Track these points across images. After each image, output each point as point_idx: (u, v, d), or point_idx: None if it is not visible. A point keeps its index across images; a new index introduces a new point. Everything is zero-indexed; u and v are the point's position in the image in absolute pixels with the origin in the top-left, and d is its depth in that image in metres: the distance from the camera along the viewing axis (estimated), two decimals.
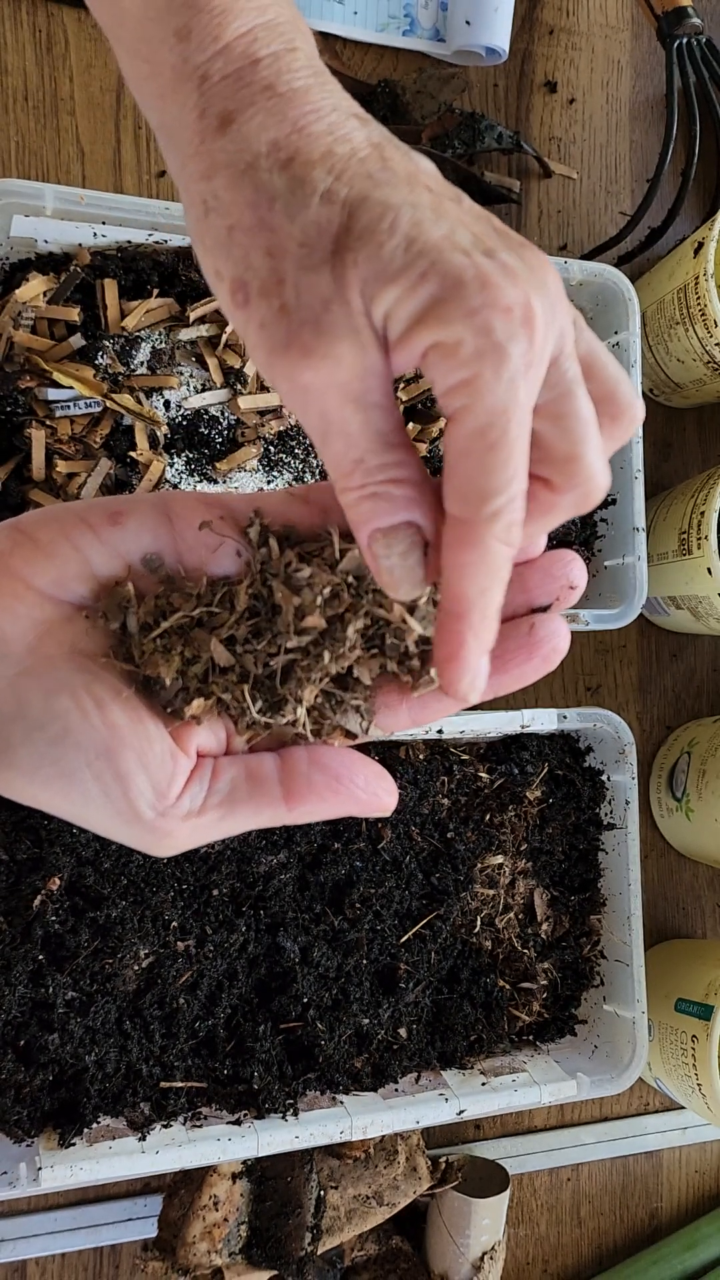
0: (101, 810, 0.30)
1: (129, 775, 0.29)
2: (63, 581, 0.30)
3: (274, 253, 0.27)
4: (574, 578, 0.32)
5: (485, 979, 0.64)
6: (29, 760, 0.29)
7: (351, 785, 0.32)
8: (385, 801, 0.32)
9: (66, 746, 0.29)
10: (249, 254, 0.27)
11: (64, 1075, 0.56)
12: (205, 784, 0.31)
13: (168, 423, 0.58)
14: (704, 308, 0.62)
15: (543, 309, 0.26)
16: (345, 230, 0.26)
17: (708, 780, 0.66)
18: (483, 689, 0.29)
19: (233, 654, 0.31)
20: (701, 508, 0.62)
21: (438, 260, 0.25)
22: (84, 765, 0.29)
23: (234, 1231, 0.59)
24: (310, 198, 0.26)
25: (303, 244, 0.26)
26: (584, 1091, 0.61)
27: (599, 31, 0.74)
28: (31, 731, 0.29)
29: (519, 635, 0.32)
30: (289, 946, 0.59)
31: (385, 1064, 0.61)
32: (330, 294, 0.26)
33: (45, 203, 0.56)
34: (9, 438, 0.56)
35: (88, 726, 0.29)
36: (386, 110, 0.68)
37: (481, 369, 0.26)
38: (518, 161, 0.72)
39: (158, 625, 0.31)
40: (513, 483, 0.26)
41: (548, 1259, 0.70)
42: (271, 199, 0.27)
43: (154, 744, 0.30)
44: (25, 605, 0.30)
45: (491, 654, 0.31)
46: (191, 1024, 0.58)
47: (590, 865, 0.67)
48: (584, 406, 0.28)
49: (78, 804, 0.30)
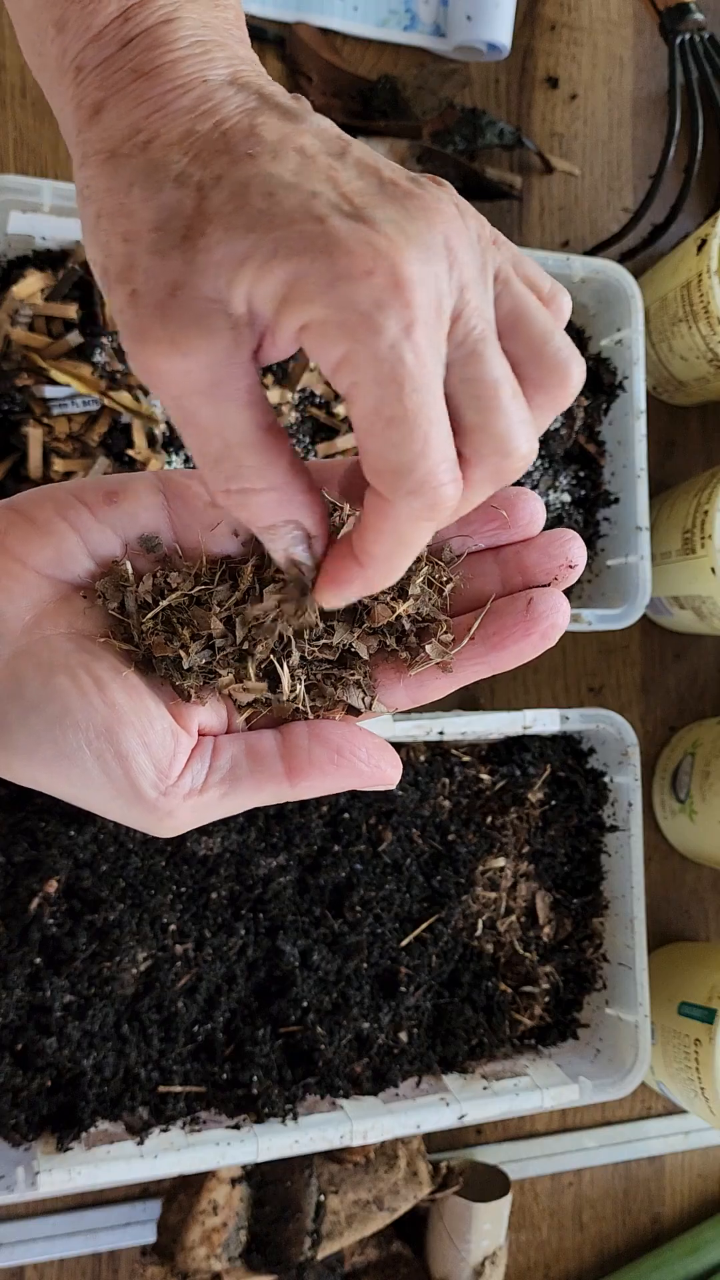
0: (102, 790, 0.29)
1: (130, 754, 0.29)
2: (60, 561, 0.30)
3: (130, 237, 0.26)
4: (573, 556, 0.31)
5: (486, 982, 0.63)
6: (27, 741, 0.29)
7: (354, 758, 0.31)
8: (389, 774, 0.32)
9: (66, 726, 0.29)
10: (109, 240, 0.26)
11: (62, 1079, 0.56)
12: (206, 762, 0.31)
13: (165, 420, 0.58)
14: (707, 305, 0.62)
15: (417, 265, 0.24)
16: (197, 213, 0.25)
17: (711, 782, 0.66)
18: (349, 600, 0.29)
19: (230, 631, 0.31)
20: (705, 507, 0.62)
21: (287, 234, 0.24)
22: (84, 745, 0.29)
23: (233, 1236, 0.58)
24: (164, 181, 0.25)
25: (155, 228, 0.25)
26: (586, 1096, 0.60)
27: (601, 27, 0.73)
28: (29, 712, 0.29)
29: (516, 612, 0.31)
30: (288, 950, 0.58)
31: (386, 1068, 0.61)
32: (179, 279, 0.25)
33: (43, 199, 0.55)
34: (6, 436, 0.56)
35: (87, 706, 0.29)
36: (387, 106, 0.67)
37: (354, 345, 0.24)
38: (519, 157, 0.71)
39: (155, 604, 0.31)
40: (425, 457, 0.25)
41: (549, 1264, 0.70)
42: (130, 183, 0.26)
43: (155, 723, 0.30)
44: (22, 585, 0.30)
45: (488, 630, 0.31)
46: (190, 1028, 0.57)
47: (593, 868, 0.66)
48: (492, 369, 0.26)
49: (78, 784, 0.29)
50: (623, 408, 0.65)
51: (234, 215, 0.25)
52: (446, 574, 0.32)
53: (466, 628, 0.32)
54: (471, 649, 0.31)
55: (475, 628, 0.31)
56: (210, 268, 0.25)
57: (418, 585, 0.31)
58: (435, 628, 0.31)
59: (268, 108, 0.27)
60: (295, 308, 0.24)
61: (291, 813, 0.59)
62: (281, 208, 0.24)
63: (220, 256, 0.25)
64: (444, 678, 0.32)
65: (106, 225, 0.26)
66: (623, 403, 0.65)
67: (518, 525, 0.32)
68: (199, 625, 0.31)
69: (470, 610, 0.32)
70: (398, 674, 0.32)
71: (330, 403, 0.61)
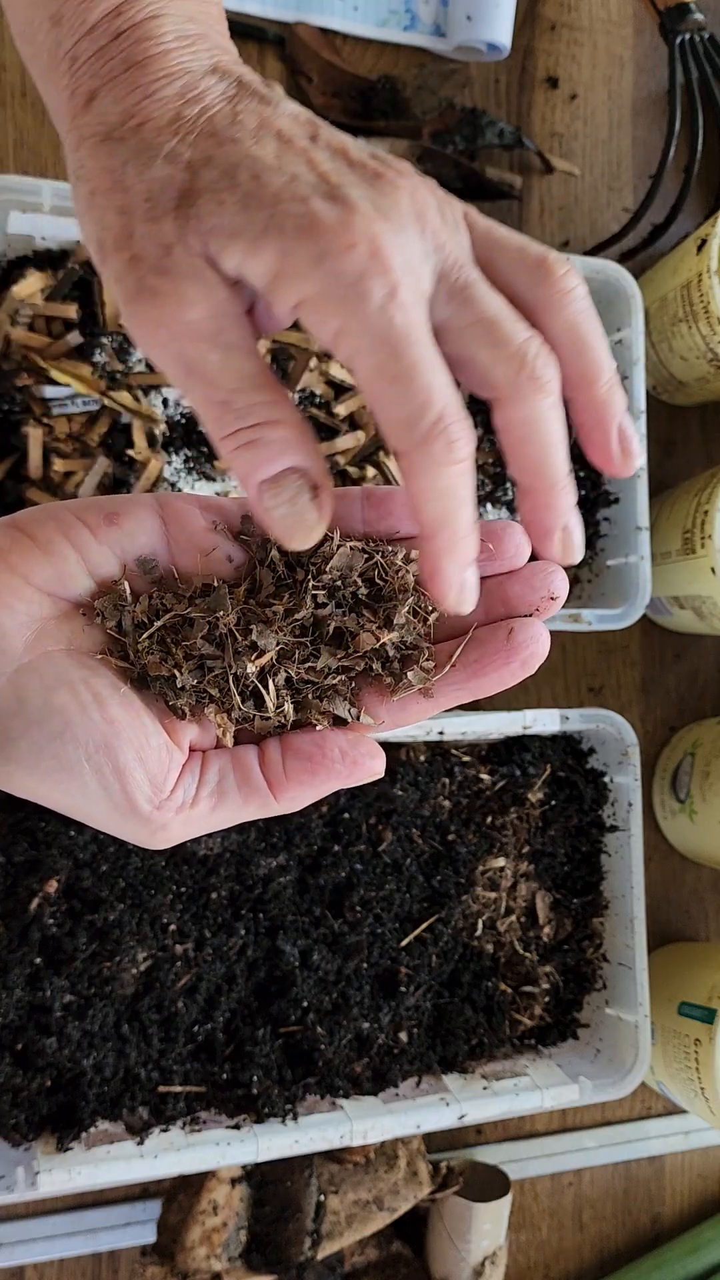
0: (99, 803, 0.30)
1: (127, 769, 0.30)
2: (61, 580, 0.31)
3: (125, 210, 0.28)
4: (555, 589, 0.32)
5: (486, 982, 0.63)
6: (29, 754, 0.29)
7: (327, 761, 0.32)
8: (370, 765, 0.32)
9: (66, 741, 0.29)
10: (105, 214, 0.28)
11: (62, 1079, 0.56)
12: (196, 776, 0.32)
13: (166, 421, 0.58)
14: (707, 305, 0.62)
15: (391, 234, 0.27)
16: (189, 188, 0.27)
17: (711, 782, 0.66)
18: (474, 600, 0.30)
19: (220, 654, 0.32)
20: (705, 506, 0.62)
21: (275, 214, 0.26)
22: (84, 759, 0.30)
23: (233, 1236, 0.58)
24: (155, 158, 0.28)
25: (148, 199, 0.28)
26: (586, 1096, 0.60)
27: (601, 27, 0.73)
28: (31, 726, 0.29)
29: (497, 640, 0.32)
30: (288, 950, 0.58)
31: (386, 1068, 0.61)
32: (173, 239, 0.27)
33: (43, 199, 0.55)
34: (6, 436, 0.56)
35: (87, 721, 0.30)
36: (387, 106, 0.67)
37: (347, 316, 0.26)
38: (519, 157, 0.71)
39: (151, 624, 0.31)
40: (430, 404, 0.27)
41: (549, 1264, 0.70)
42: (124, 162, 0.28)
43: (151, 738, 0.31)
44: (24, 602, 0.30)
45: (469, 658, 0.32)
46: (190, 1028, 0.57)
47: (593, 868, 0.66)
48: (488, 305, 0.29)
49: (76, 797, 0.30)
50: None
51: (224, 192, 0.27)
52: (430, 604, 0.33)
53: (448, 655, 0.33)
54: (453, 674, 0.33)
55: (457, 655, 0.32)
56: (202, 233, 0.27)
57: (403, 615, 0.32)
58: (418, 655, 0.33)
59: (246, 94, 0.29)
60: (288, 283, 0.27)
61: (291, 812, 0.59)
62: (267, 189, 0.27)
63: (211, 225, 0.27)
64: (425, 702, 0.33)
65: (102, 201, 0.28)
66: None
67: (503, 557, 0.33)
68: (191, 647, 0.31)
69: (453, 637, 0.33)
70: (380, 698, 0.33)
71: (330, 403, 0.61)
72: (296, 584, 0.32)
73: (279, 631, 0.32)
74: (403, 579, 0.32)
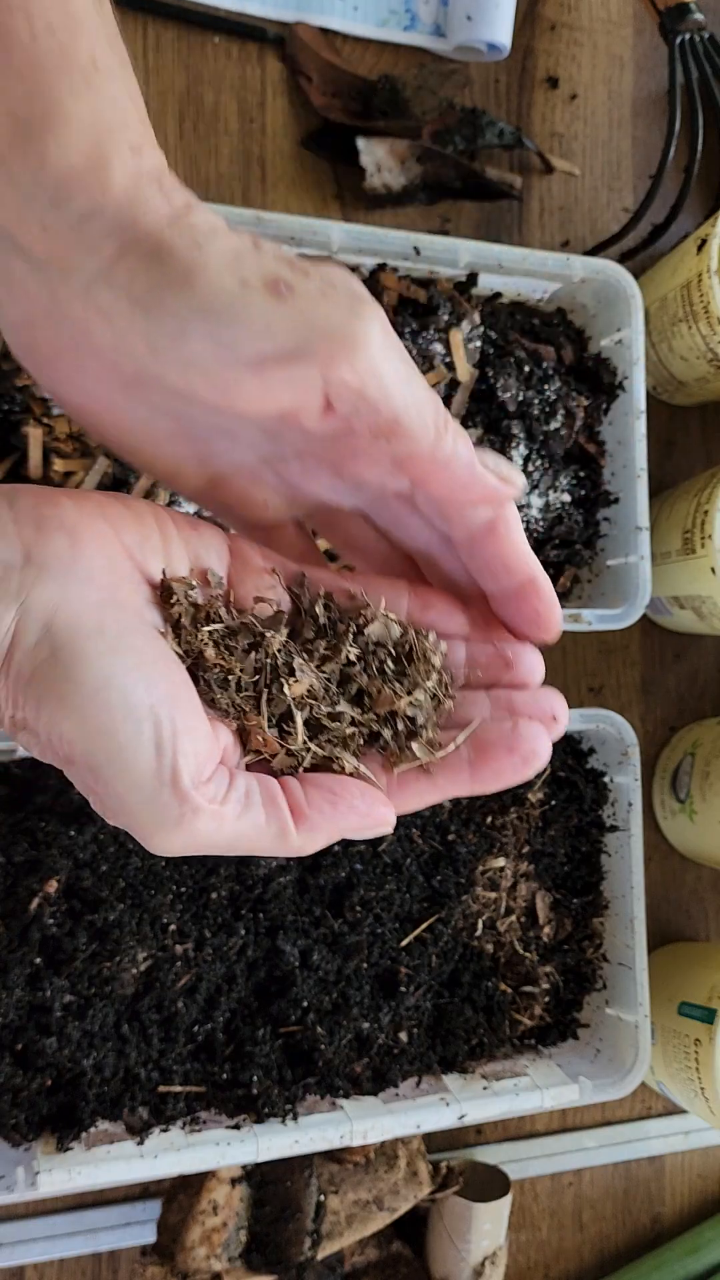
0: (142, 762, 0.29)
1: (185, 734, 0.29)
2: (142, 548, 0.32)
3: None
4: (558, 713, 0.35)
5: (486, 982, 0.63)
6: (93, 681, 0.28)
7: (348, 795, 0.33)
8: (385, 814, 0.33)
9: (137, 681, 0.29)
10: None
11: (61, 1079, 0.56)
12: (226, 781, 0.32)
13: None
14: (707, 305, 0.62)
15: None
16: None
17: (711, 782, 0.66)
18: (560, 622, 0.34)
19: (260, 670, 0.33)
20: (705, 506, 0.62)
21: None
22: (147, 706, 0.29)
23: (233, 1236, 0.58)
24: None
25: None
26: (586, 1096, 0.60)
27: (601, 27, 0.73)
28: (106, 653, 0.29)
29: (501, 731, 0.34)
30: (288, 950, 0.58)
31: (385, 1068, 0.61)
32: None
33: None
34: (6, 436, 0.56)
35: (157, 672, 0.30)
36: (387, 106, 0.67)
37: None
38: (519, 157, 0.71)
39: (207, 623, 0.33)
40: (421, 409, 0.30)
41: (549, 1264, 0.70)
42: None
43: (202, 720, 0.31)
44: (111, 550, 0.31)
45: (474, 745, 0.34)
46: (190, 1028, 0.57)
47: (592, 868, 0.66)
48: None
49: (115, 757, 0.29)
50: (623, 408, 0.64)
51: None
52: (450, 690, 0.35)
53: (453, 739, 0.34)
54: (456, 762, 0.34)
55: (463, 738, 0.34)
56: None
57: (429, 686, 0.34)
58: (424, 733, 0.34)
59: None
60: None
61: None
62: None
63: None
64: (425, 785, 0.34)
65: None
66: (623, 403, 0.65)
67: (519, 670, 0.35)
68: (232, 660, 0.33)
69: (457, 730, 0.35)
70: (382, 772, 0.34)
71: None
72: (334, 637, 0.34)
73: (315, 672, 0.33)
74: (430, 658, 0.34)
